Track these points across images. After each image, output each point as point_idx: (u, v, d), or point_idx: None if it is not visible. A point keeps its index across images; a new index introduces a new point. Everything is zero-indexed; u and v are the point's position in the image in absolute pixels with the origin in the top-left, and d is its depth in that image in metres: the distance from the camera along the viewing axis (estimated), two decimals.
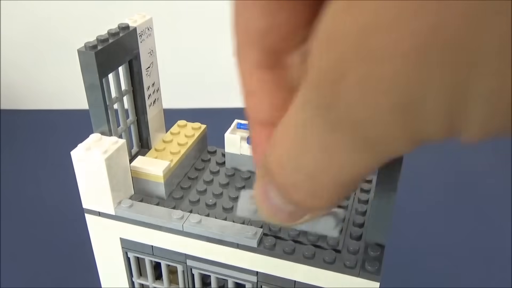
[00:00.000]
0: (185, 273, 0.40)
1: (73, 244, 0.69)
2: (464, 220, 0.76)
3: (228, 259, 0.37)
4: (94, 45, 0.36)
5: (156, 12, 0.49)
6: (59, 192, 0.80)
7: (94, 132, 0.39)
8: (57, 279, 0.64)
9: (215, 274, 0.39)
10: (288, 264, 0.35)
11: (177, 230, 0.37)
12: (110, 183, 0.37)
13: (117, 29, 0.39)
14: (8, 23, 1.01)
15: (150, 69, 0.43)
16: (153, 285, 0.43)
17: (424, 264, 0.67)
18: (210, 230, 0.36)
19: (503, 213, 0.77)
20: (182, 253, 0.39)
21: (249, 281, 0.38)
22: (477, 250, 0.70)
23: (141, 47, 0.41)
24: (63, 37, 1.01)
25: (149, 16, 0.42)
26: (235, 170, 0.44)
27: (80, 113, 0.76)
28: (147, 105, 0.44)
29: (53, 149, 0.92)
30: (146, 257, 0.41)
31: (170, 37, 1.00)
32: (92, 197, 0.39)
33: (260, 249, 0.36)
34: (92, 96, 0.38)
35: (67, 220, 0.73)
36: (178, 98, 1.05)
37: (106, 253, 0.42)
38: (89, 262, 0.47)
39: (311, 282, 0.36)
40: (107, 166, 0.36)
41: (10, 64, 1.06)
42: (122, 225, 0.39)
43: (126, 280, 0.43)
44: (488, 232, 0.73)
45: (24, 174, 0.86)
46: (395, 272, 0.64)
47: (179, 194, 0.41)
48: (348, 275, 0.34)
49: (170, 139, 0.45)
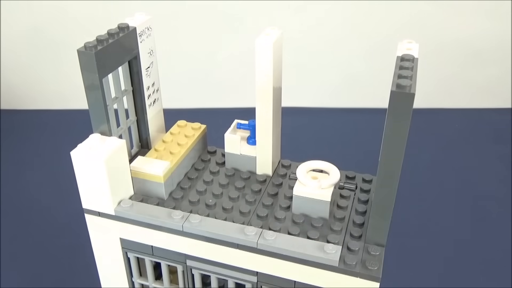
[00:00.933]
0: (185, 273, 0.40)
1: (73, 244, 0.69)
2: (464, 220, 0.76)
3: (228, 259, 0.37)
4: (94, 45, 0.36)
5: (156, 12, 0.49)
6: (59, 192, 0.80)
7: (94, 132, 0.39)
8: (57, 279, 0.64)
9: (215, 274, 0.39)
10: (288, 264, 0.35)
11: (177, 230, 0.37)
12: (110, 183, 0.37)
13: (116, 29, 0.39)
14: (8, 23, 1.01)
15: (150, 69, 0.43)
16: (153, 285, 0.43)
17: (424, 264, 0.67)
18: (210, 230, 0.36)
19: (503, 213, 0.77)
20: (182, 253, 0.39)
21: (249, 281, 0.38)
22: (477, 250, 0.70)
23: (141, 47, 0.41)
24: (63, 37, 1.01)
25: (149, 16, 0.42)
26: (235, 170, 0.44)
27: (80, 113, 0.76)
28: (147, 105, 0.44)
29: (53, 149, 0.92)
30: (146, 257, 0.41)
31: (170, 37, 1.00)
32: (92, 197, 0.39)
33: (260, 249, 0.36)
34: (92, 96, 0.38)
35: (67, 220, 0.74)
36: (178, 98, 1.05)
37: (106, 253, 0.42)
38: (89, 262, 0.47)
39: (311, 282, 0.36)
40: (107, 166, 0.36)
41: (10, 64, 1.06)
42: (122, 225, 0.39)
43: (126, 280, 0.43)
44: (488, 232, 0.73)
45: (24, 174, 0.86)
46: (395, 272, 0.64)
47: (179, 194, 0.41)
48: (348, 275, 0.34)
49: (170, 139, 0.45)
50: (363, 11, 0.99)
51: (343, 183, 0.41)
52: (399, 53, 0.34)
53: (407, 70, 0.31)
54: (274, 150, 0.43)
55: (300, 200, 0.38)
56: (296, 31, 1.00)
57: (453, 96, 1.08)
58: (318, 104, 1.09)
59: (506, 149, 0.94)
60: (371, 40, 1.02)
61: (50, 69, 1.06)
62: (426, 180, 0.85)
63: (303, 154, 0.47)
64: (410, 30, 1.00)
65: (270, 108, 0.40)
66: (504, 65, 1.05)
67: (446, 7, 0.98)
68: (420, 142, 0.94)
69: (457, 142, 0.97)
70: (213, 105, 1.08)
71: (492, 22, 1.00)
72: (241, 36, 1.00)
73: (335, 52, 1.04)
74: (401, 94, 0.29)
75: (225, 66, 1.05)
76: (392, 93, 0.29)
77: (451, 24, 1.00)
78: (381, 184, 0.33)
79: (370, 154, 0.50)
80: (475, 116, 1.06)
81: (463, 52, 1.04)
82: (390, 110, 0.30)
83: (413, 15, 0.99)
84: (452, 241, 0.71)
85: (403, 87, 0.29)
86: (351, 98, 1.08)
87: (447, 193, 0.82)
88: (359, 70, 1.05)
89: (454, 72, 1.06)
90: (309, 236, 0.36)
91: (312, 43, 1.03)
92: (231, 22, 1.00)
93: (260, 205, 0.40)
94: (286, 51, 0.45)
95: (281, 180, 0.43)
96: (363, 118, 1.03)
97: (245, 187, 0.42)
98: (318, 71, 1.06)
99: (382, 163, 0.32)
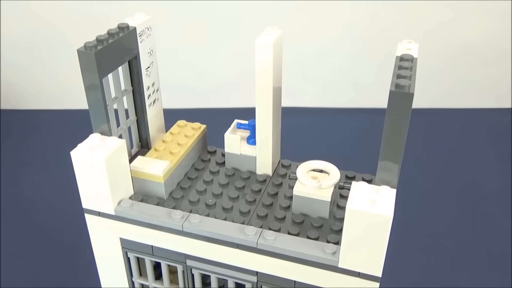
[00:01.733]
0: (185, 273, 0.40)
1: (73, 244, 0.69)
2: (464, 220, 0.76)
3: (228, 259, 0.37)
4: (93, 45, 0.36)
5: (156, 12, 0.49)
6: (59, 192, 0.80)
7: (94, 132, 0.39)
8: (57, 279, 0.64)
9: (215, 274, 0.39)
10: (288, 264, 0.35)
11: (177, 230, 0.37)
12: (110, 183, 0.37)
13: (116, 29, 0.39)
14: (8, 23, 1.01)
15: (149, 69, 0.43)
16: (153, 285, 0.43)
17: (424, 264, 0.67)
18: (210, 230, 0.36)
19: (504, 213, 0.77)
20: (182, 253, 0.39)
21: (249, 281, 0.38)
22: (477, 250, 0.70)
23: (141, 47, 0.41)
24: (63, 37, 1.01)
25: (149, 16, 0.42)
26: (235, 170, 0.44)
27: (80, 113, 0.76)
28: (147, 105, 0.44)
29: (53, 149, 0.92)
30: (146, 257, 0.41)
31: (170, 37, 1.00)
32: (92, 197, 0.39)
33: (260, 249, 0.36)
34: (91, 96, 0.38)
35: (67, 220, 0.74)
36: (178, 98, 1.05)
37: (106, 253, 0.42)
38: (89, 262, 0.47)
39: (311, 282, 0.36)
40: (107, 166, 0.36)
41: (10, 64, 1.06)
42: (122, 225, 0.39)
43: (126, 280, 0.43)
44: (488, 232, 0.73)
45: (24, 174, 0.86)
46: (395, 272, 0.64)
47: (179, 194, 0.41)
48: (348, 275, 0.34)
49: (170, 139, 0.45)
50: (363, 11, 0.99)
51: (343, 183, 0.41)
52: (398, 53, 0.34)
53: (406, 70, 0.31)
54: (274, 150, 0.43)
55: (300, 200, 0.38)
56: (296, 31, 1.00)
57: (453, 96, 1.08)
58: (318, 104, 1.09)
59: (506, 149, 0.94)
60: (371, 40, 1.02)
61: (50, 69, 1.06)
62: (426, 180, 0.85)
63: (303, 154, 0.47)
64: (410, 30, 1.00)
65: (270, 108, 0.40)
66: (504, 65, 1.05)
67: (446, 8, 0.98)
68: (420, 142, 0.94)
69: (457, 142, 0.97)
70: (213, 105, 1.08)
71: (492, 22, 1.00)
72: (241, 36, 1.00)
73: (335, 52, 1.04)
74: (400, 94, 0.29)
75: (225, 66, 1.05)
76: (391, 93, 0.29)
77: (452, 24, 1.00)
78: (380, 184, 0.33)
79: (370, 154, 0.50)
80: (475, 116, 1.06)
81: (463, 52, 1.04)
82: (389, 110, 0.30)
83: (413, 15, 0.99)
84: (452, 241, 0.71)
85: (402, 87, 0.29)
86: (351, 98, 1.08)
87: (447, 193, 0.82)
88: (359, 70, 1.05)
89: (454, 72, 1.06)
90: (309, 236, 0.36)
91: (312, 43, 1.03)
92: (231, 22, 1.00)
93: (260, 205, 0.40)
94: (286, 51, 0.45)
95: (281, 180, 0.43)
96: (363, 118, 1.03)
97: (245, 187, 0.42)
98: (318, 71, 1.06)
99: (382, 163, 0.32)
